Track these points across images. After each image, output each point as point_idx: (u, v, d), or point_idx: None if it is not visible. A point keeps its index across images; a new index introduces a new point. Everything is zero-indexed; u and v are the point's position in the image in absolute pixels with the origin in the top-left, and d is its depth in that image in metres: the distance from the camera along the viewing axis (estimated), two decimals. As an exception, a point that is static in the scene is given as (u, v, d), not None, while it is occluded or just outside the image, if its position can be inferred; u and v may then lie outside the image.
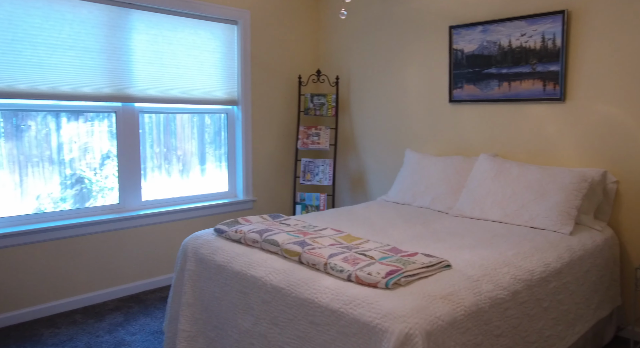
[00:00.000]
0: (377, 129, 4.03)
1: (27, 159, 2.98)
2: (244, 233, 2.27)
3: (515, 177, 2.85)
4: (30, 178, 3.00)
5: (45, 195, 3.08)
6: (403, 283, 1.71)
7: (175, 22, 3.48)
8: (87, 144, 3.23)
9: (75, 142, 3.17)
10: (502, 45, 3.20)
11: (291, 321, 1.81)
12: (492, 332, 1.74)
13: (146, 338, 2.70)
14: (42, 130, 3.02)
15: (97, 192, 3.30)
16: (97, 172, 3.30)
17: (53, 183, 3.10)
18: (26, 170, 2.98)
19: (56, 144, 3.09)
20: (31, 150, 2.99)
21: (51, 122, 3.05)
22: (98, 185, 3.30)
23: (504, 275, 1.91)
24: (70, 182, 3.17)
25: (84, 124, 3.20)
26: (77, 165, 3.19)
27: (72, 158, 3.16)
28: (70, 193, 3.18)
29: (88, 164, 3.25)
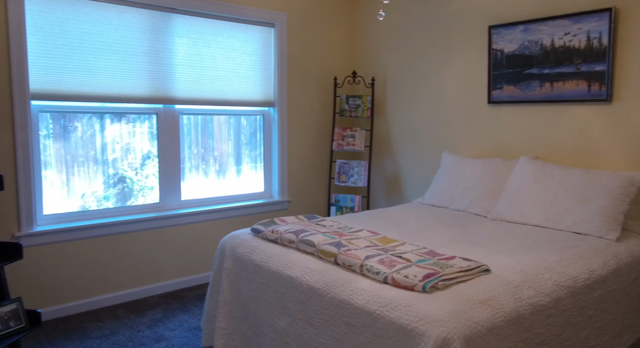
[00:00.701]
0: (413, 130, 3.99)
1: (74, 159, 3.11)
2: (280, 233, 2.30)
3: (557, 180, 2.77)
4: (76, 177, 3.13)
5: (90, 193, 3.20)
6: (440, 287, 1.69)
7: (215, 25, 3.56)
8: (129, 145, 3.34)
9: (118, 143, 3.29)
10: (545, 44, 3.11)
11: (327, 322, 1.82)
12: (533, 340, 1.69)
13: (184, 335, 2.77)
14: (88, 132, 3.15)
15: (138, 191, 3.41)
16: (138, 172, 3.40)
17: (97, 182, 3.22)
18: (72, 169, 3.11)
19: (100, 145, 3.21)
20: (77, 151, 3.12)
21: (96, 123, 3.17)
22: (139, 185, 3.41)
23: (545, 281, 1.86)
24: (113, 181, 3.29)
25: (126, 126, 3.31)
26: (120, 165, 3.31)
27: (114, 158, 3.28)
28: (113, 192, 3.30)
29: (130, 163, 3.36)
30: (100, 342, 2.68)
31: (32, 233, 2.85)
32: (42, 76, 2.85)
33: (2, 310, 2.37)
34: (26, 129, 2.80)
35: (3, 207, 2.77)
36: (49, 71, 2.86)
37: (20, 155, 2.79)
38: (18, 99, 2.75)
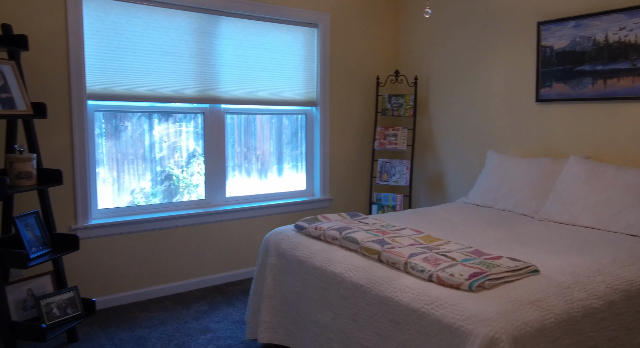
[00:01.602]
0: (457, 129, 3.93)
1: (124, 157, 3.24)
2: (323, 230, 2.33)
3: (610, 180, 2.66)
4: (126, 175, 3.26)
5: (138, 190, 3.34)
6: (487, 287, 1.66)
7: (260, 27, 3.63)
8: (176, 144, 3.46)
9: (165, 142, 3.41)
10: (598, 40, 3.00)
11: (371, 318, 1.83)
12: (585, 343, 1.64)
13: (229, 327, 2.84)
14: (137, 131, 3.28)
15: (184, 188, 3.52)
16: (183, 170, 3.52)
17: (145, 180, 3.35)
18: (122, 167, 3.25)
19: (148, 143, 3.33)
20: (127, 149, 3.25)
21: (145, 123, 3.30)
22: (184, 182, 3.52)
23: (598, 283, 1.80)
24: (160, 178, 3.41)
25: (173, 125, 3.42)
26: (166, 163, 3.43)
27: (162, 156, 3.40)
28: (160, 189, 3.42)
29: (176, 162, 3.47)
30: (150, 331, 2.79)
31: (87, 226, 3.00)
32: (98, 77, 2.99)
33: (61, 298, 2.51)
34: (82, 127, 2.95)
35: (61, 201, 2.93)
36: (104, 72, 3.01)
37: (77, 152, 2.95)
38: (76, 99, 2.90)
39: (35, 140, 2.51)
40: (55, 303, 2.47)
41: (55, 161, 2.89)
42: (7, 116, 2.27)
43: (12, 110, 2.28)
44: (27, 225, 2.42)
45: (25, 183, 2.36)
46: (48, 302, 2.44)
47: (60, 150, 2.91)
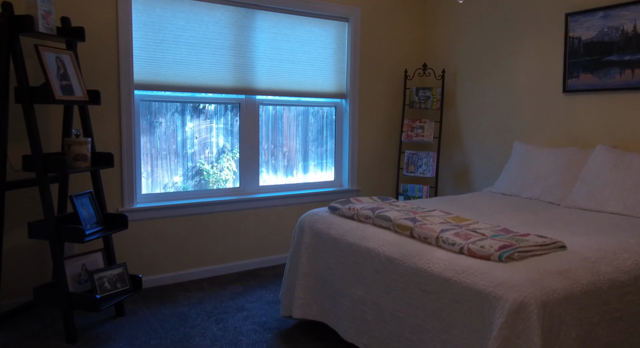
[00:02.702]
0: (483, 122, 4.01)
1: (158, 152, 3.42)
2: (356, 210, 2.45)
3: (637, 168, 2.71)
4: (159, 169, 3.43)
5: (171, 184, 3.49)
6: (516, 258, 1.76)
7: (293, 20, 3.77)
8: (206, 140, 3.61)
9: (197, 138, 3.57)
10: (626, 30, 3.05)
11: (403, 289, 1.94)
12: (611, 314, 1.72)
13: (263, 307, 2.99)
14: (170, 127, 3.44)
15: (214, 183, 3.67)
16: (214, 165, 3.67)
17: (177, 174, 3.51)
18: (157, 161, 3.42)
19: (181, 139, 3.49)
20: (161, 144, 3.42)
21: (177, 119, 3.46)
22: (214, 177, 3.67)
23: (624, 260, 1.88)
24: (191, 173, 3.57)
25: (204, 122, 3.58)
26: (197, 158, 3.58)
27: (193, 152, 3.56)
28: (191, 183, 3.57)
29: (206, 157, 3.63)
30: (190, 308, 2.96)
31: (132, 209, 3.19)
32: (144, 68, 3.18)
33: (111, 273, 2.70)
34: (130, 115, 3.14)
35: (110, 184, 3.13)
36: (149, 64, 3.19)
37: (124, 138, 3.14)
38: (125, 88, 3.10)
39: (89, 125, 2.70)
40: (107, 278, 2.66)
41: (104, 146, 3.09)
42: (67, 102, 2.46)
43: (71, 96, 2.48)
44: (83, 204, 2.61)
45: (81, 165, 2.55)
46: (100, 276, 2.63)
47: (110, 135, 3.10)
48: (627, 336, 1.76)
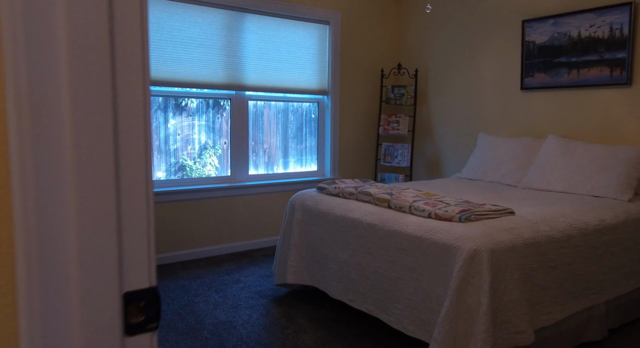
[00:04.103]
0: (452, 116, 4.44)
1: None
2: (341, 189, 2.83)
3: (580, 154, 3.17)
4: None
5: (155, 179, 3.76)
6: (473, 219, 2.16)
7: (279, 23, 4.13)
8: (189, 136, 3.89)
9: (179, 135, 3.84)
10: (572, 36, 3.51)
11: (382, 249, 2.32)
12: (548, 263, 2.14)
13: (257, 280, 3.33)
14: (153, 123, 3.71)
15: (196, 179, 3.93)
16: (196, 161, 3.96)
17: (160, 170, 3.76)
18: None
19: (164, 135, 3.77)
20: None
21: (160, 116, 3.72)
22: (197, 173, 3.95)
23: (560, 222, 2.30)
24: (174, 169, 3.85)
25: (186, 119, 3.86)
26: (180, 154, 3.85)
27: (176, 148, 3.83)
28: (174, 178, 3.80)
29: (189, 153, 3.91)
30: (190, 281, 3.28)
31: (135, 193, 3.48)
32: (144, 65, 3.48)
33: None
34: (132, 108, 3.43)
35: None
36: (149, 61, 3.50)
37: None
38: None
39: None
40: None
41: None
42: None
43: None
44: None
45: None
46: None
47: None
48: (560, 282, 2.18)
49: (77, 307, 0.51)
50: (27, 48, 0.48)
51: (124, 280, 0.54)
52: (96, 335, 0.53)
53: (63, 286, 0.51)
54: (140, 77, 0.52)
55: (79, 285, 0.51)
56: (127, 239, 0.55)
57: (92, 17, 0.51)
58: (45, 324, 0.51)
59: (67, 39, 0.49)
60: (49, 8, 0.48)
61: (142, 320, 0.56)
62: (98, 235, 0.52)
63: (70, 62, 0.49)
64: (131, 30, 0.52)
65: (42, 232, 0.50)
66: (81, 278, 0.51)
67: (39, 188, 0.49)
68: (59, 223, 0.50)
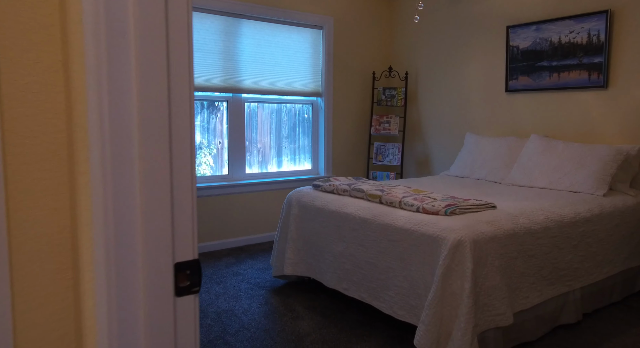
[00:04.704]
0: (440, 117, 4.64)
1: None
2: (335, 186, 3.00)
3: (560, 152, 3.37)
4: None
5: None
6: (458, 213, 2.35)
7: (274, 28, 4.30)
8: None
9: None
10: (553, 41, 3.72)
11: (374, 241, 2.51)
12: (526, 252, 2.33)
13: (255, 272, 3.50)
14: None
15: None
16: None
17: None
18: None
19: None
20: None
21: None
22: None
23: (538, 215, 2.49)
24: None
25: None
26: None
27: None
28: None
29: None
30: (192, 275, 3.44)
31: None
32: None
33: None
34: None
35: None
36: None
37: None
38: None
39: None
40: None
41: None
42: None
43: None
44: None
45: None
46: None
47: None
48: (538, 269, 2.38)
49: (142, 273, 0.68)
50: (108, 73, 0.65)
51: (175, 253, 0.71)
52: (156, 294, 0.70)
53: (133, 258, 0.68)
54: (187, 95, 0.69)
55: (144, 257, 0.68)
56: (178, 222, 0.72)
57: (155, 45, 0.68)
58: (118, 287, 0.68)
59: (137, 66, 0.66)
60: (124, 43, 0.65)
61: (188, 284, 0.73)
62: (158, 218, 0.69)
63: (139, 84, 0.67)
64: (182, 59, 0.69)
65: (117, 219, 0.67)
66: (146, 252, 0.68)
67: (115, 182, 0.66)
68: (130, 210, 0.67)
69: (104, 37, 0.60)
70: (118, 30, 0.60)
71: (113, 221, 0.64)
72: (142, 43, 0.63)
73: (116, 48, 0.61)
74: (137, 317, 0.65)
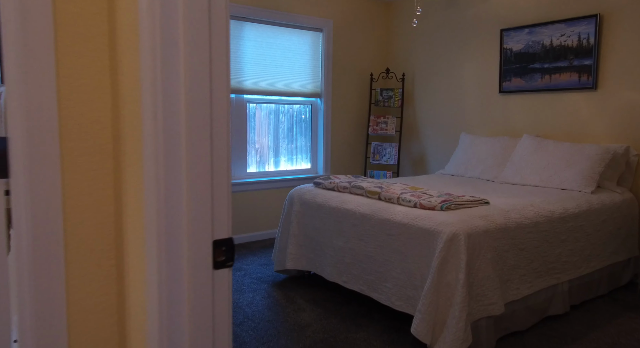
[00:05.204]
0: (436, 117, 4.77)
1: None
2: (336, 183, 3.12)
3: (551, 151, 3.51)
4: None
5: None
6: (453, 208, 2.48)
7: (275, 31, 4.41)
8: None
9: None
10: (545, 44, 3.85)
11: (373, 236, 2.63)
12: (517, 246, 2.46)
13: (257, 268, 3.62)
14: None
15: None
16: None
17: None
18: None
19: None
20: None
21: None
22: None
23: (529, 211, 2.63)
24: None
25: None
26: None
27: None
28: None
29: None
30: (196, 270, 3.55)
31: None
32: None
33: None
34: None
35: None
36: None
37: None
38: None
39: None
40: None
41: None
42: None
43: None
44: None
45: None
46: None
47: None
48: (528, 262, 2.51)
49: (187, 248, 0.80)
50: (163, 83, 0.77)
51: (214, 232, 0.83)
52: (197, 266, 0.82)
53: (179, 236, 0.80)
54: (225, 96, 0.81)
55: (188, 235, 0.80)
56: (216, 205, 0.84)
57: (200, 54, 0.79)
58: (168, 261, 0.79)
59: (185, 72, 0.78)
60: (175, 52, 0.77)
61: (223, 259, 0.85)
62: (200, 202, 0.81)
63: (187, 87, 0.78)
64: (222, 67, 0.81)
65: (168, 203, 0.79)
66: (190, 230, 0.80)
67: (167, 172, 0.77)
68: (178, 195, 0.79)
69: (159, 48, 0.72)
70: (170, 41, 0.72)
71: (165, 205, 0.76)
72: (190, 52, 0.75)
73: (169, 57, 0.73)
74: (182, 286, 0.77)
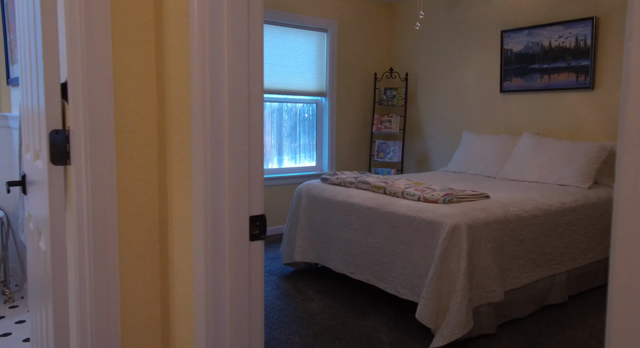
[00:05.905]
0: (439, 116, 4.90)
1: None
2: (342, 179, 3.25)
3: (550, 149, 3.63)
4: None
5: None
6: (455, 201, 2.61)
7: (281, 31, 4.55)
8: None
9: None
10: (544, 45, 3.98)
11: (379, 228, 2.76)
12: (516, 237, 2.59)
13: (266, 261, 3.75)
14: None
15: None
16: None
17: None
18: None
19: None
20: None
21: None
22: None
23: (527, 204, 2.75)
24: None
25: None
26: None
27: None
28: None
29: None
30: (206, 263, 3.68)
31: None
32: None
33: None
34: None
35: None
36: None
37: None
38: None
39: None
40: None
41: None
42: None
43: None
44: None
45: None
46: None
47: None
48: (527, 253, 2.64)
49: (228, 223, 0.93)
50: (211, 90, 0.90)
51: (250, 209, 0.96)
52: (236, 238, 0.95)
53: (222, 212, 0.93)
54: (259, 94, 0.94)
55: (230, 212, 0.93)
56: (252, 186, 0.97)
57: (240, 60, 0.93)
58: (213, 234, 0.92)
59: (229, 78, 0.91)
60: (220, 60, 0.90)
61: (257, 232, 0.98)
62: (239, 183, 0.94)
63: (229, 92, 0.92)
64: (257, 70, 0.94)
65: (213, 184, 0.92)
66: (231, 207, 0.93)
67: (214, 159, 0.91)
68: (221, 177, 0.92)
69: (207, 54, 0.85)
70: (217, 49, 0.85)
71: (211, 186, 0.89)
72: (233, 58, 0.88)
73: (215, 62, 0.86)
74: (224, 253, 0.90)
